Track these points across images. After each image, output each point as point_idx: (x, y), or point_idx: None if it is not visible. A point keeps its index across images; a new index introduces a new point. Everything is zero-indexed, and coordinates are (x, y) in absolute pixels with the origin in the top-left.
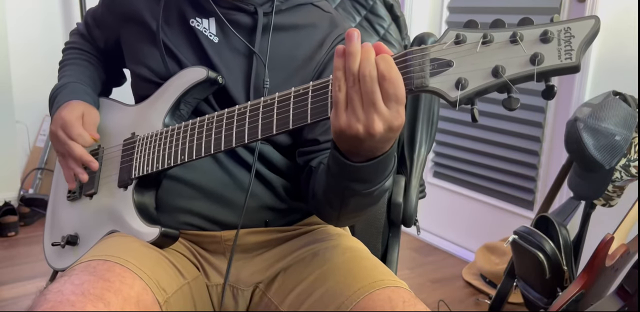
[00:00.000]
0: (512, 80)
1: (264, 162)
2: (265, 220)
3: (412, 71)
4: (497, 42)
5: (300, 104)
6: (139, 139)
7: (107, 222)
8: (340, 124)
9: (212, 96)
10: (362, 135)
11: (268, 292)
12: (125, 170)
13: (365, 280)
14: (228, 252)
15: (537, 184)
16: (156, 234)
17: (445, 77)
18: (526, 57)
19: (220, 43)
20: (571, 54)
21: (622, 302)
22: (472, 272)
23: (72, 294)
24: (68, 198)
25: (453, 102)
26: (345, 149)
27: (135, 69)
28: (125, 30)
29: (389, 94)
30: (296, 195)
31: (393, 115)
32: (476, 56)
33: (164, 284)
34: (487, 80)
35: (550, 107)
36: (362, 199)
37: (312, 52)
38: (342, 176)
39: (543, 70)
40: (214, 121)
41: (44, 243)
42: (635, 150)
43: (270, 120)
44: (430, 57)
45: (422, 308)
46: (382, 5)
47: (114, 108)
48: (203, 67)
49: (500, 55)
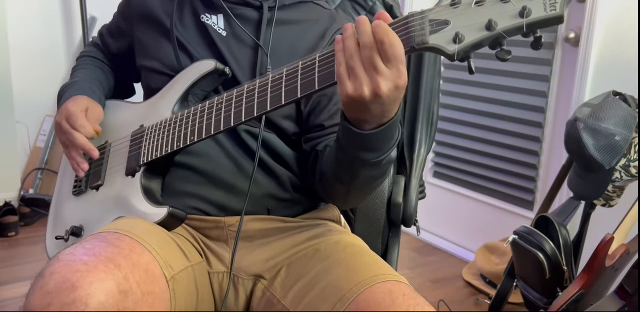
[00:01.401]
0: (504, 32)
1: (269, 152)
2: (267, 207)
3: (414, 31)
4: (489, 1)
5: (308, 74)
6: (147, 128)
7: (113, 209)
8: (347, 90)
9: (221, 86)
10: (369, 97)
11: (270, 286)
12: (133, 158)
13: (366, 274)
14: (231, 239)
15: (537, 184)
16: (164, 214)
17: (443, 34)
18: (515, 11)
19: (228, 36)
20: (555, 6)
21: (622, 302)
22: (472, 272)
23: (84, 255)
24: (73, 192)
25: (451, 55)
26: (354, 116)
27: (147, 63)
28: (139, 29)
29: (387, 55)
30: (299, 187)
31: (395, 74)
32: (470, 13)
33: (171, 262)
34: (481, 33)
35: (550, 107)
36: (371, 169)
37: (314, 44)
38: (351, 145)
39: (531, 22)
40: (223, 101)
41: (46, 237)
42: (635, 151)
43: (279, 92)
44: (428, 18)
45: (422, 302)
46: (382, 6)
47: (122, 107)
48: (212, 59)
49: (493, 11)
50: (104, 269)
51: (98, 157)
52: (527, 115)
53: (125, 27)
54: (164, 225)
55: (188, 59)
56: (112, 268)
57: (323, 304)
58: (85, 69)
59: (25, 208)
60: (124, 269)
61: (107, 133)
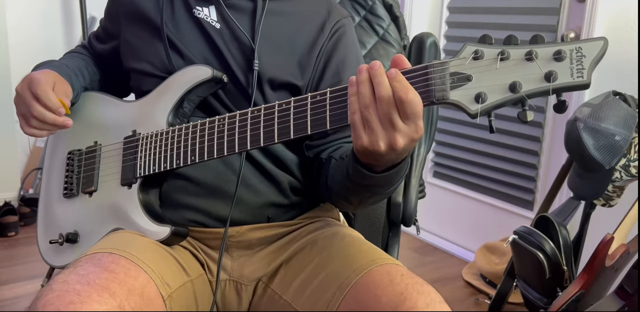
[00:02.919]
0: (528, 95)
1: (270, 158)
2: (268, 216)
3: (434, 84)
4: (513, 59)
5: (319, 111)
6: (142, 137)
7: (110, 219)
8: (363, 143)
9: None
10: (385, 151)
11: (271, 284)
12: (128, 168)
13: (363, 260)
14: (231, 248)
15: (537, 184)
16: (167, 233)
17: (465, 91)
18: (541, 74)
19: (222, 29)
20: (582, 73)
21: (622, 302)
22: (472, 272)
23: (77, 283)
24: (64, 195)
25: (474, 115)
26: (367, 162)
27: (136, 65)
28: (127, 30)
29: (407, 114)
30: (300, 191)
31: (412, 130)
32: (494, 72)
33: (168, 279)
34: (505, 94)
35: (550, 107)
36: (380, 196)
37: (314, 37)
38: (362, 183)
39: (557, 87)
40: (225, 123)
41: (37, 240)
42: (635, 150)
43: (287, 125)
44: (450, 71)
45: (421, 281)
46: (382, 5)
47: (110, 103)
48: (207, 66)
49: (517, 72)
50: (98, 299)
51: (70, 126)
52: None
53: (112, 28)
54: (166, 243)
55: (180, 59)
56: (106, 297)
57: (323, 294)
58: (67, 58)
59: (25, 208)
60: (118, 297)
61: (95, 131)
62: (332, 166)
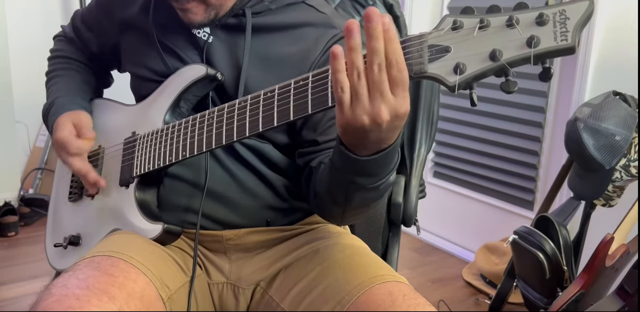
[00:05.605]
0: (509, 63)
1: (265, 162)
2: (266, 219)
3: (411, 58)
4: (493, 27)
5: (301, 95)
6: (140, 137)
7: (109, 220)
8: (346, 117)
9: (213, 91)
10: (369, 126)
11: (269, 290)
12: (126, 169)
13: (365, 275)
14: (229, 251)
15: (537, 184)
16: (159, 231)
17: (443, 63)
18: (522, 40)
19: (214, 42)
20: (567, 36)
21: (622, 302)
22: (472, 272)
23: (76, 288)
24: (69, 199)
25: (452, 87)
26: (351, 142)
27: (135, 70)
28: (124, 38)
29: (396, 81)
30: (298, 194)
31: (399, 102)
32: (473, 41)
33: (168, 281)
34: (484, 64)
35: (550, 107)
36: (367, 193)
37: (306, 51)
38: (347, 170)
39: (540, 53)
40: (214, 116)
41: (45, 244)
42: (635, 150)
43: (271, 112)
44: (428, 44)
45: (423, 302)
46: (382, 5)
47: (113, 108)
48: (202, 64)
49: (497, 39)
50: (98, 304)
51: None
52: (527, 115)
53: (108, 27)
54: (159, 241)
55: (178, 62)
56: (106, 301)
57: (322, 306)
58: (61, 75)
59: (25, 208)
60: (118, 301)
61: (99, 136)
62: (320, 170)
